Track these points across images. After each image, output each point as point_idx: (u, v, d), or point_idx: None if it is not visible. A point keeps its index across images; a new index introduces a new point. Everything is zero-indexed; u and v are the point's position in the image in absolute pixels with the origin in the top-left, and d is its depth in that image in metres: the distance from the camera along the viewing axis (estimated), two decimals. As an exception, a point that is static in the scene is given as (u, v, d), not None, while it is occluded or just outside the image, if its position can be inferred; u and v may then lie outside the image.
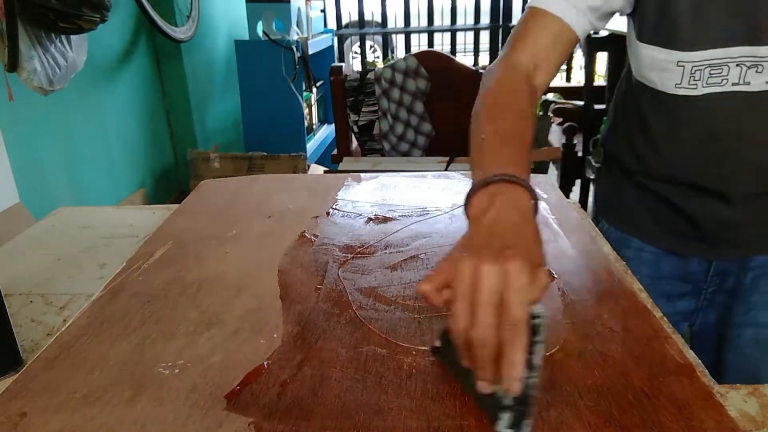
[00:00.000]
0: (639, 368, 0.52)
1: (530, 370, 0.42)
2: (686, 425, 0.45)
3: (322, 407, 0.48)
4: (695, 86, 0.74)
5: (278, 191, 0.98)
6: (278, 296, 0.65)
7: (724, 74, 0.72)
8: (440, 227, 0.82)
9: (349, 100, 2.02)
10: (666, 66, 0.74)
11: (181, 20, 2.32)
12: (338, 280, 0.68)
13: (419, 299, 0.63)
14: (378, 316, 0.60)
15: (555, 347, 0.55)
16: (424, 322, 0.59)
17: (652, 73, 0.77)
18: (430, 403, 0.48)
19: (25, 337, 0.64)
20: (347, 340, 0.56)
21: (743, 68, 0.71)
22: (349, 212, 0.88)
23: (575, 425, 0.45)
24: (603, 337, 0.56)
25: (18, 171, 1.53)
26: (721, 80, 0.72)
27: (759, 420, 0.48)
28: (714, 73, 0.73)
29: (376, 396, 0.49)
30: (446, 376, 0.51)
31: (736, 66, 0.71)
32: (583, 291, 0.65)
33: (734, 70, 0.71)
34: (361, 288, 0.66)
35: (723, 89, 0.73)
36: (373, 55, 5.13)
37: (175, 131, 2.51)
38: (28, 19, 1.37)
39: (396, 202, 0.92)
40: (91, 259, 0.82)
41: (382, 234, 0.80)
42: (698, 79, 0.73)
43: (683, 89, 0.75)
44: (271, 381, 0.51)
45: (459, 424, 0.45)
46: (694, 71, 0.73)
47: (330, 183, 1.02)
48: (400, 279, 0.68)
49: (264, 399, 0.48)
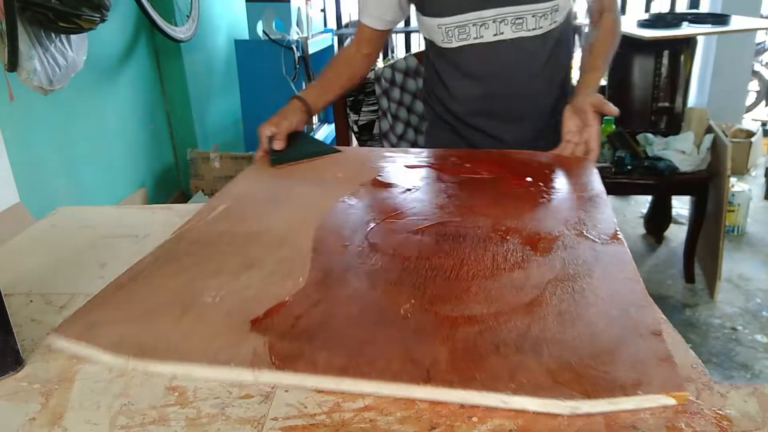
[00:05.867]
0: (609, 329, 0.57)
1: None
2: (636, 379, 0.50)
3: (323, 335, 0.58)
4: (450, 41, 1.14)
5: (333, 163, 1.10)
6: (312, 249, 0.75)
7: (467, 32, 1.12)
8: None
9: (348, 99, 2.02)
10: (433, 29, 1.14)
11: (181, 20, 2.32)
12: (364, 240, 0.77)
13: (429, 258, 0.72)
14: (389, 268, 0.70)
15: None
16: (428, 275, 0.68)
17: (430, 34, 1.17)
18: (415, 340, 0.57)
19: (26, 336, 0.64)
20: (359, 288, 0.66)
21: (477, 27, 1.11)
22: (391, 182, 0.98)
23: (535, 369, 0.52)
24: (585, 299, 0.62)
25: (18, 171, 1.53)
26: (466, 36, 1.12)
27: (759, 420, 0.48)
28: (461, 31, 1.12)
29: (371, 331, 0.58)
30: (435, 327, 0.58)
31: (473, 26, 1.11)
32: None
33: (472, 29, 1.11)
34: (382, 247, 0.75)
35: (468, 42, 1.13)
36: (373, 54, 5.12)
37: (175, 131, 2.51)
38: (28, 19, 1.37)
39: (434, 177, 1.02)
40: (91, 258, 0.82)
41: (415, 203, 0.90)
42: (452, 36, 1.13)
43: (445, 44, 1.16)
44: (289, 313, 0.61)
45: (433, 359, 0.54)
46: (447, 30, 1.13)
47: (379, 155, 1.14)
48: (420, 242, 0.76)
49: (280, 326, 0.59)
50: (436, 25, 1.13)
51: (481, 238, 0.75)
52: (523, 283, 0.65)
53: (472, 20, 1.10)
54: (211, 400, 0.53)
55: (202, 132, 2.58)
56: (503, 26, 1.10)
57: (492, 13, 1.09)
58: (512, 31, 1.10)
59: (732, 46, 3.39)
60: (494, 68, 1.15)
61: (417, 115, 2.00)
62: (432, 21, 1.13)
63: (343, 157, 1.14)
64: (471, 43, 1.13)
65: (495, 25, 1.10)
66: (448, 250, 0.73)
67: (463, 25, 1.11)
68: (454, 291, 0.64)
